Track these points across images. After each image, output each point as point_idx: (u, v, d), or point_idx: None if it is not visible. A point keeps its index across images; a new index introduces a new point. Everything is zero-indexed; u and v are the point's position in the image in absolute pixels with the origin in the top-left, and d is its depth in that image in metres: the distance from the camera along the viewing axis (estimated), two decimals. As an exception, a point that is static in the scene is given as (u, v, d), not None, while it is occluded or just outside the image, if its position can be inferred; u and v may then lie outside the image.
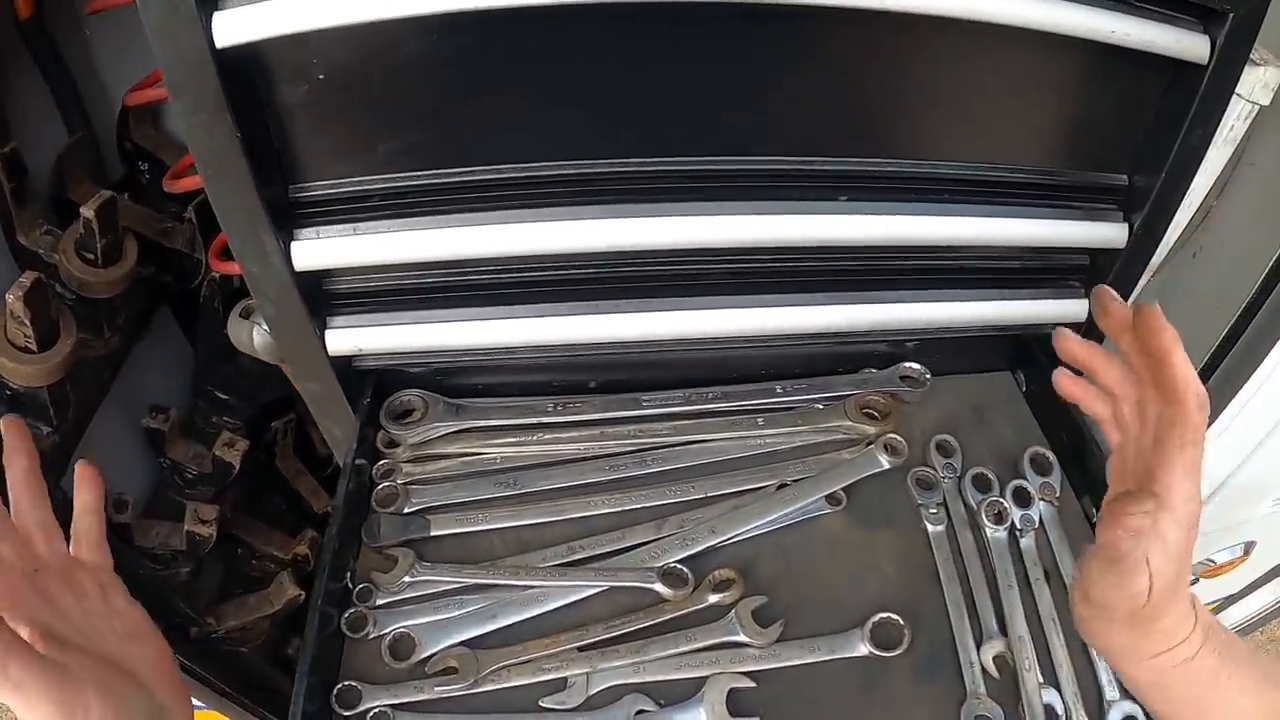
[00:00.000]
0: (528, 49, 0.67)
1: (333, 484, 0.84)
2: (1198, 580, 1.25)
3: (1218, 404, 0.91)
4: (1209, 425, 0.55)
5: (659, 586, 0.73)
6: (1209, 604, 1.40)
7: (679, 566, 0.74)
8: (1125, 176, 0.85)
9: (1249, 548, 1.22)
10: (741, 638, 0.72)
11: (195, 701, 1.22)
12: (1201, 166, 0.84)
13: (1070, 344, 0.64)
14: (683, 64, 0.70)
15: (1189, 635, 0.57)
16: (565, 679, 0.70)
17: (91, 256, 1.00)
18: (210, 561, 1.11)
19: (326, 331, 0.79)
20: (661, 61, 0.70)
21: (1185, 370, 0.53)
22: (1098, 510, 0.83)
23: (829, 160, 0.76)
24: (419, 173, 0.72)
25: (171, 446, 1.08)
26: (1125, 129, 0.82)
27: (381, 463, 0.80)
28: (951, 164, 0.81)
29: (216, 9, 0.61)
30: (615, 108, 0.72)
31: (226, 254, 0.98)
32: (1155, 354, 0.54)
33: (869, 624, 0.73)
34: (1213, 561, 1.22)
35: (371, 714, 0.68)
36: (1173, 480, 0.53)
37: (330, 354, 0.79)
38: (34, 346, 0.93)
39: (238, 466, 1.05)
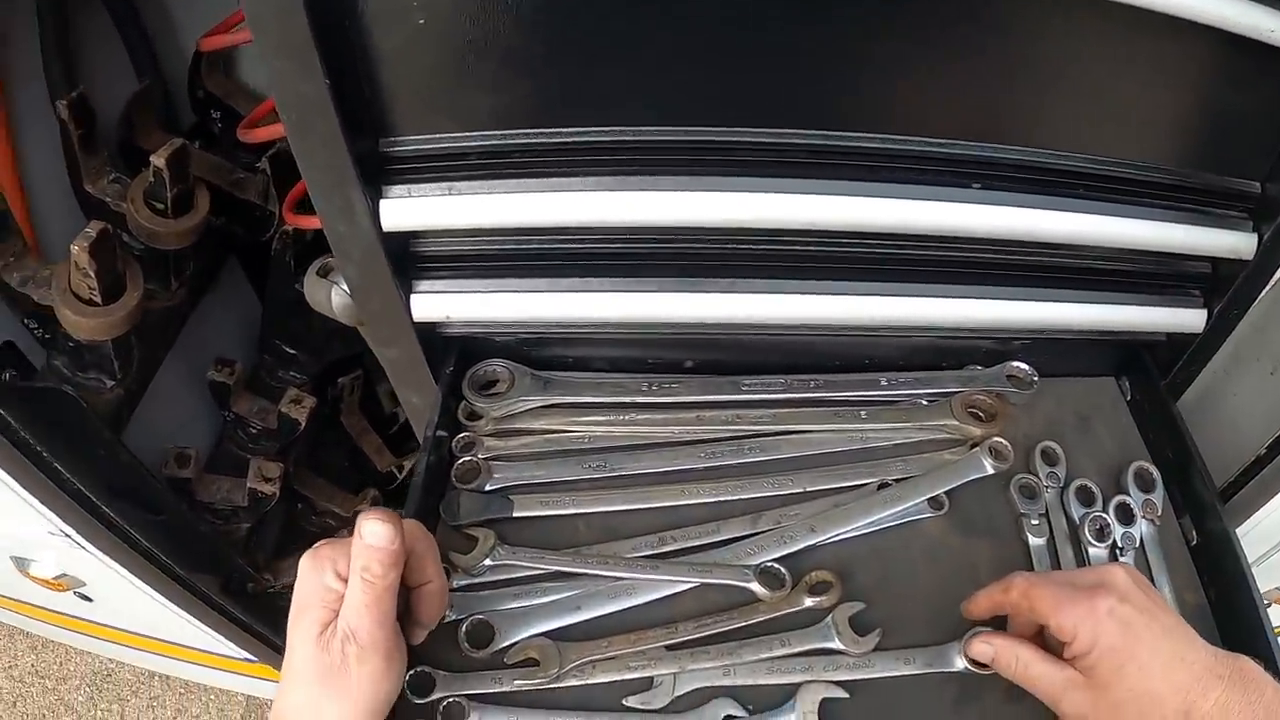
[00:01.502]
0: (647, 3, 0.59)
1: (397, 443, 0.77)
2: (1270, 606, 1.16)
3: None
4: None
5: (755, 586, 0.66)
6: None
7: (776, 566, 0.67)
8: (1259, 184, 0.76)
9: (1324, 576, 1.14)
10: (837, 645, 0.65)
11: (249, 655, 1.17)
12: (1338, 180, 0.75)
13: (974, 612, 0.66)
14: (812, 33, 0.61)
15: (1204, 704, 0.54)
16: (652, 678, 0.63)
17: (161, 206, 0.93)
18: (271, 515, 1.05)
19: (412, 296, 0.71)
20: (789, 29, 0.61)
21: (1030, 599, 0.60)
22: (1198, 532, 0.76)
23: (961, 144, 0.67)
24: (521, 131, 0.64)
25: (236, 400, 1.02)
26: (1264, 134, 0.73)
27: (462, 435, 0.73)
28: (1080, 156, 0.72)
29: (308, -59, 0.53)
30: (735, 74, 0.63)
31: (302, 207, 0.90)
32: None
33: (965, 639, 0.65)
34: (1284, 590, 1.14)
35: (445, 703, 0.62)
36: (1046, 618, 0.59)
37: (415, 320, 0.71)
38: (99, 299, 0.86)
39: (304, 424, 0.98)
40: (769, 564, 0.67)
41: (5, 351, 0.92)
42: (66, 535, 0.94)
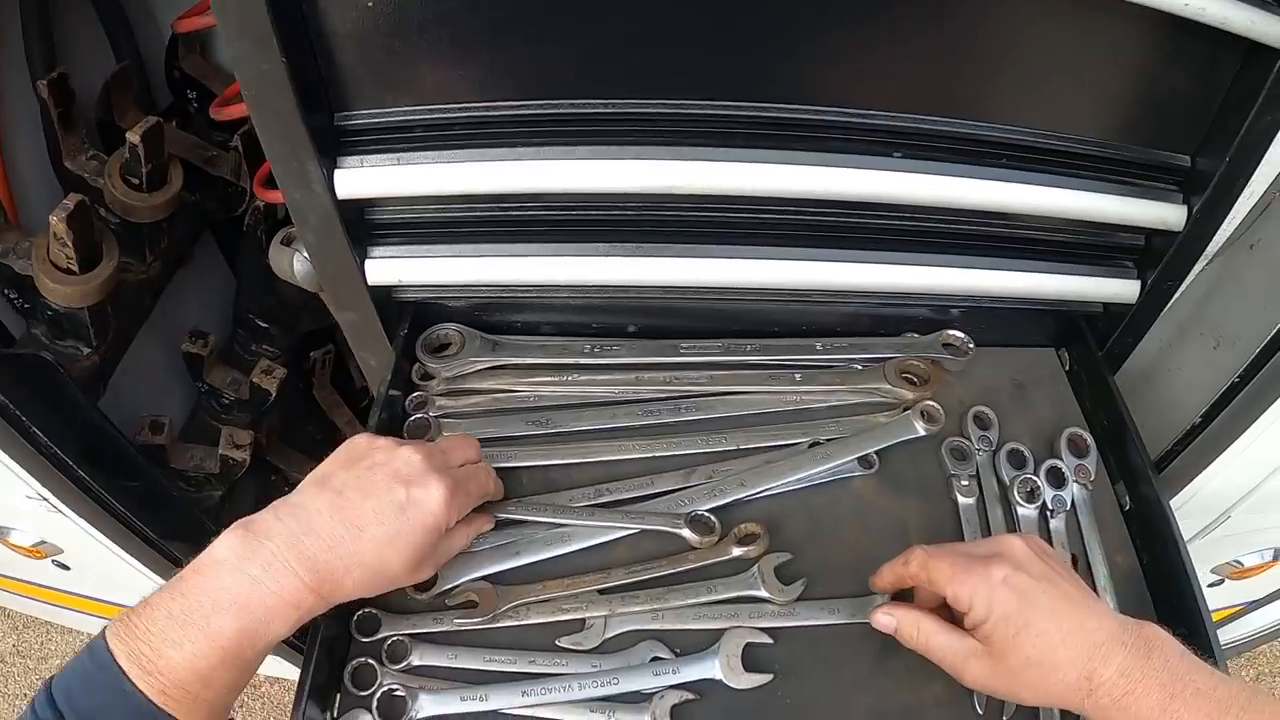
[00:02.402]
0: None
1: (368, 415, 0.83)
2: (1224, 581, 1.21)
3: (1260, 403, 0.87)
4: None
5: (685, 532, 0.72)
6: (1230, 608, 1.37)
7: (707, 514, 0.73)
8: (1188, 157, 0.81)
9: (1278, 554, 1.18)
10: (762, 593, 0.70)
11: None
12: (1267, 156, 0.80)
13: (879, 585, 0.70)
14: (745, 7, 0.67)
15: (1105, 671, 0.56)
16: (584, 620, 0.69)
17: (136, 181, 1.00)
18: (244, 487, 1.11)
19: (367, 261, 0.77)
20: (722, 3, 0.67)
21: (928, 570, 0.64)
22: (1131, 498, 0.81)
23: (887, 115, 0.73)
24: (467, 104, 0.70)
25: (210, 371, 1.08)
26: (1192, 108, 0.78)
27: (415, 394, 0.79)
28: (1012, 128, 0.77)
29: (264, -72, 0.59)
30: (670, 48, 0.69)
31: (271, 182, 0.96)
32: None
33: (871, 610, 0.70)
34: (1240, 564, 1.18)
35: (389, 642, 0.68)
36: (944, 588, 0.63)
37: (370, 284, 0.78)
38: (76, 268, 0.93)
39: (275, 393, 1.05)
40: (700, 512, 0.73)
41: (-15, 322, 0.99)
42: (44, 499, 1.01)
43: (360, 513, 0.59)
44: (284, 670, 1.50)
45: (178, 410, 1.12)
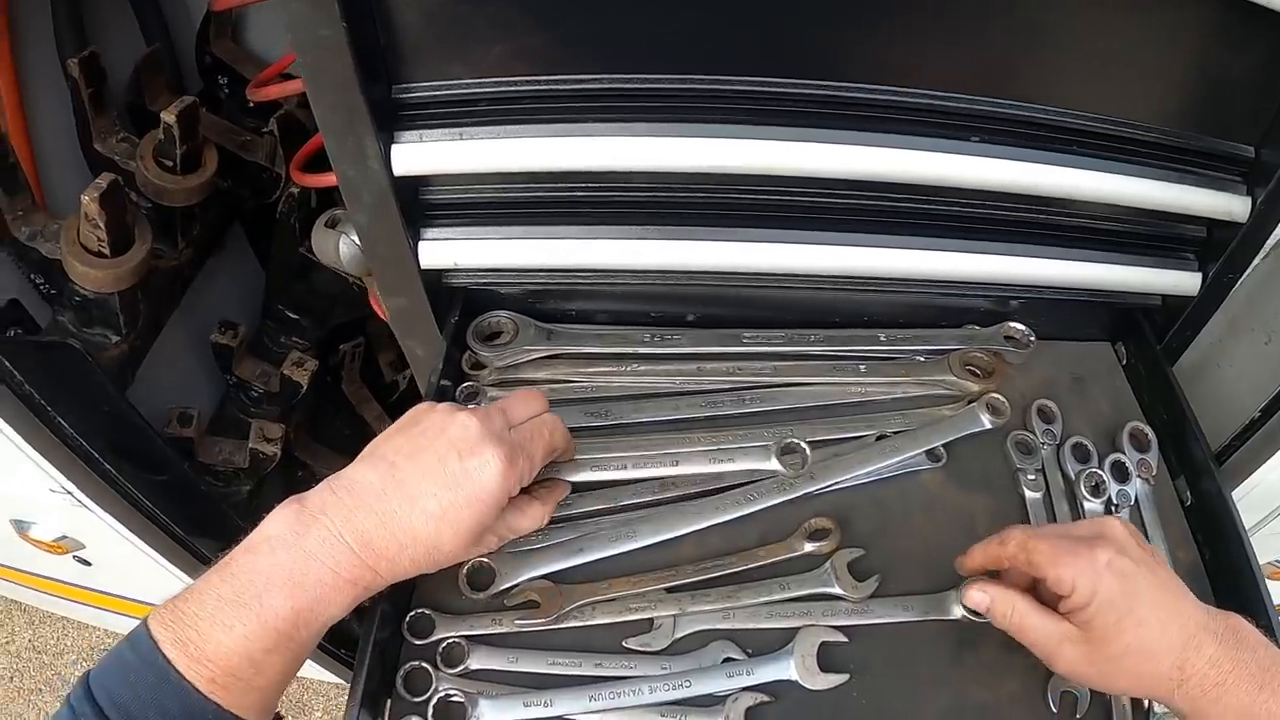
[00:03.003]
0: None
1: (397, 411, 0.78)
2: (1270, 580, 1.17)
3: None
4: None
5: (774, 464, 0.67)
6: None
7: (797, 440, 0.68)
8: (1253, 148, 0.77)
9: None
10: (836, 590, 0.66)
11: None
12: (1332, 150, 0.77)
13: (969, 566, 0.65)
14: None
15: (1197, 661, 0.54)
16: (652, 620, 0.64)
17: (170, 163, 0.94)
18: (271, 482, 1.05)
19: (420, 243, 0.72)
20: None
21: (1028, 551, 0.59)
22: (1193, 494, 0.77)
23: (960, 97, 0.68)
24: (533, 78, 0.65)
25: (239, 363, 1.02)
26: (1258, 98, 0.74)
27: (466, 384, 0.74)
28: (1080, 114, 0.73)
29: (325, -116, 0.54)
30: (738, 23, 0.64)
31: (309, 167, 0.91)
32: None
33: (963, 587, 0.66)
34: None
35: (445, 644, 0.63)
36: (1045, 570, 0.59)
37: (423, 267, 0.72)
38: (107, 251, 0.87)
39: (305, 386, 0.99)
40: (790, 440, 0.68)
41: (10, 309, 0.93)
42: (68, 493, 0.95)
43: (414, 485, 0.54)
44: (311, 671, 1.44)
45: (206, 402, 1.06)
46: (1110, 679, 0.57)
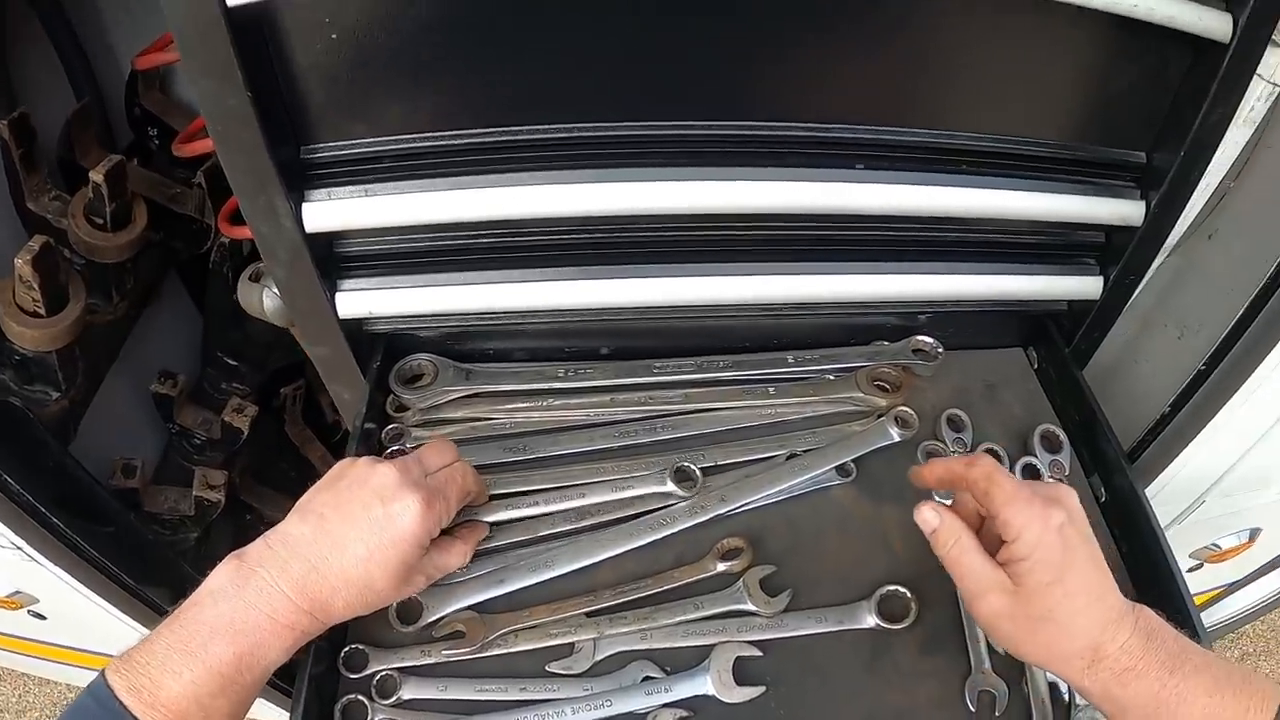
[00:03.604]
0: (543, 8, 0.66)
1: (341, 451, 0.84)
2: (1202, 565, 1.24)
3: (1226, 389, 0.90)
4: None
5: (670, 486, 0.74)
6: (1212, 590, 1.40)
7: (689, 465, 0.75)
8: (1144, 154, 0.84)
9: (1254, 534, 1.21)
10: (749, 606, 0.71)
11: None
12: (1220, 148, 0.83)
13: (925, 476, 0.69)
14: (703, 27, 0.68)
15: (1110, 646, 0.57)
16: (572, 645, 0.70)
17: (101, 221, 0.99)
18: (220, 528, 1.11)
19: (337, 294, 0.78)
20: (681, 24, 0.68)
21: (991, 482, 0.62)
22: (1107, 490, 0.83)
23: (849, 128, 0.75)
24: (432, 134, 0.71)
25: (180, 412, 1.08)
26: (1146, 106, 0.81)
27: (391, 427, 0.80)
28: (970, 135, 0.79)
29: (227, -30, 0.59)
30: (631, 70, 0.70)
31: (237, 218, 0.97)
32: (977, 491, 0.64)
33: (876, 596, 0.72)
34: (1218, 547, 1.21)
35: (378, 677, 0.68)
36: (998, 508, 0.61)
37: (341, 317, 0.78)
38: (42, 311, 0.92)
39: (246, 432, 1.05)
40: (682, 464, 0.75)
41: (-50, 370, 0.98)
42: (18, 548, 1.00)
43: (341, 533, 0.62)
44: (259, 711, 1.49)
45: (150, 452, 1.11)
46: (1022, 642, 0.60)
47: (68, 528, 0.99)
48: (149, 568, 1.05)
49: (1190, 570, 1.24)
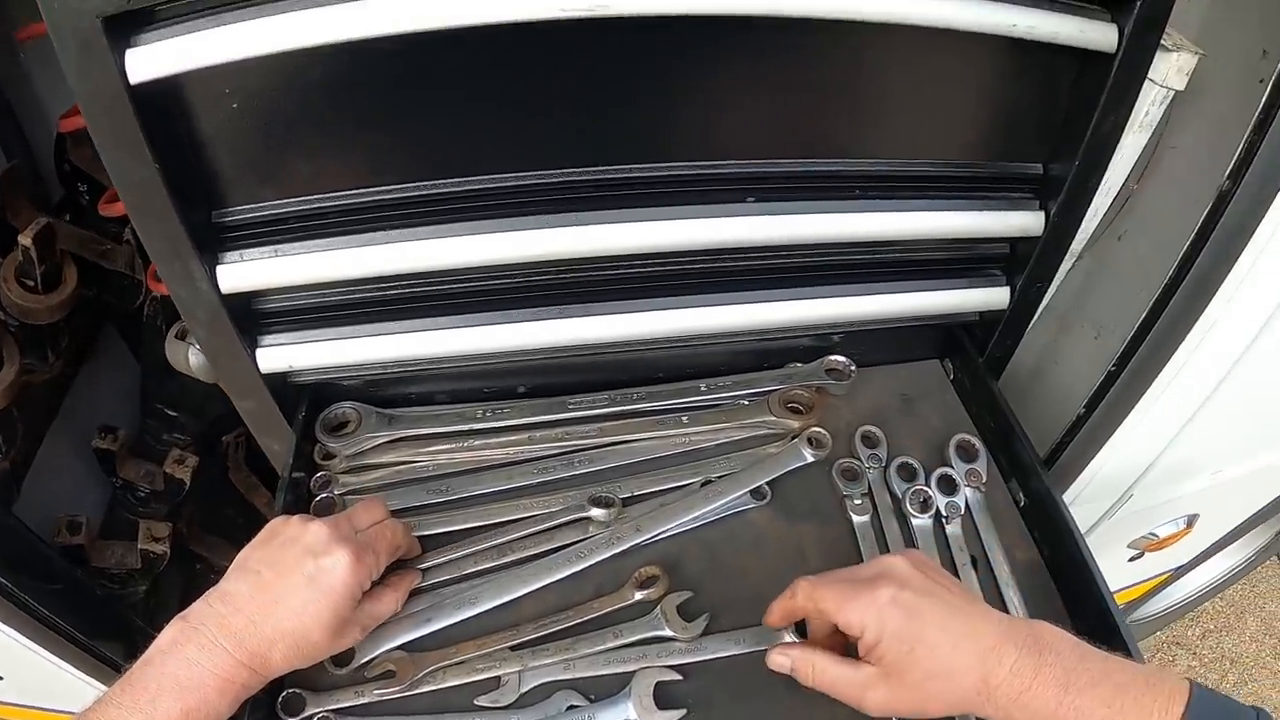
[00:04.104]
0: (429, 69, 0.70)
1: None
2: (1143, 554, 1.30)
3: (1137, 388, 0.96)
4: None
5: (593, 512, 0.80)
6: (1159, 576, 1.46)
7: (606, 493, 0.81)
8: (1040, 166, 0.89)
9: (1191, 520, 1.27)
10: (667, 632, 0.76)
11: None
12: (1119, 152, 0.88)
13: (772, 622, 0.72)
14: (587, 77, 0.73)
15: (999, 671, 0.60)
16: (499, 678, 0.74)
17: (31, 283, 1.04)
18: (170, 578, 1.15)
19: (258, 350, 0.83)
20: (567, 77, 0.73)
21: (815, 600, 0.67)
22: (1025, 495, 0.88)
23: (739, 164, 0.80)
24: (336, 193, 0.76)
25: (122, 466, 1.12)
26: (1038, 119, 0.86)
27: (319, 474, 0.85)
28: (865, 161, 0.84)
29: (129, 46, 0.64)
30: (522, 123, 0.75)
31: (164, 275, 1.01)
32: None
33: (767, 651, 0.75)
34: (1155, 535, 1.26)
35: (315, 719, 0.73)
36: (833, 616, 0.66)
37: (263, 372, 0.83)
38: (-24, 376, 0.97)
39: (188, 483, 1.09)
40: (599, 493, 0.80)
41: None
42: (-33, 612, 1.04)
43: (276, 588, 0.67)
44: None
45: (95, 507, 1.16)
46: (920, 706, 0.63)
47: (16, 587, 1.03)
48: (100, 623, 1.09)
49: (1131, 560, 1.29)
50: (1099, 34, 0.77)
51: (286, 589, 0.67)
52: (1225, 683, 2.03)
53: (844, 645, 0.68)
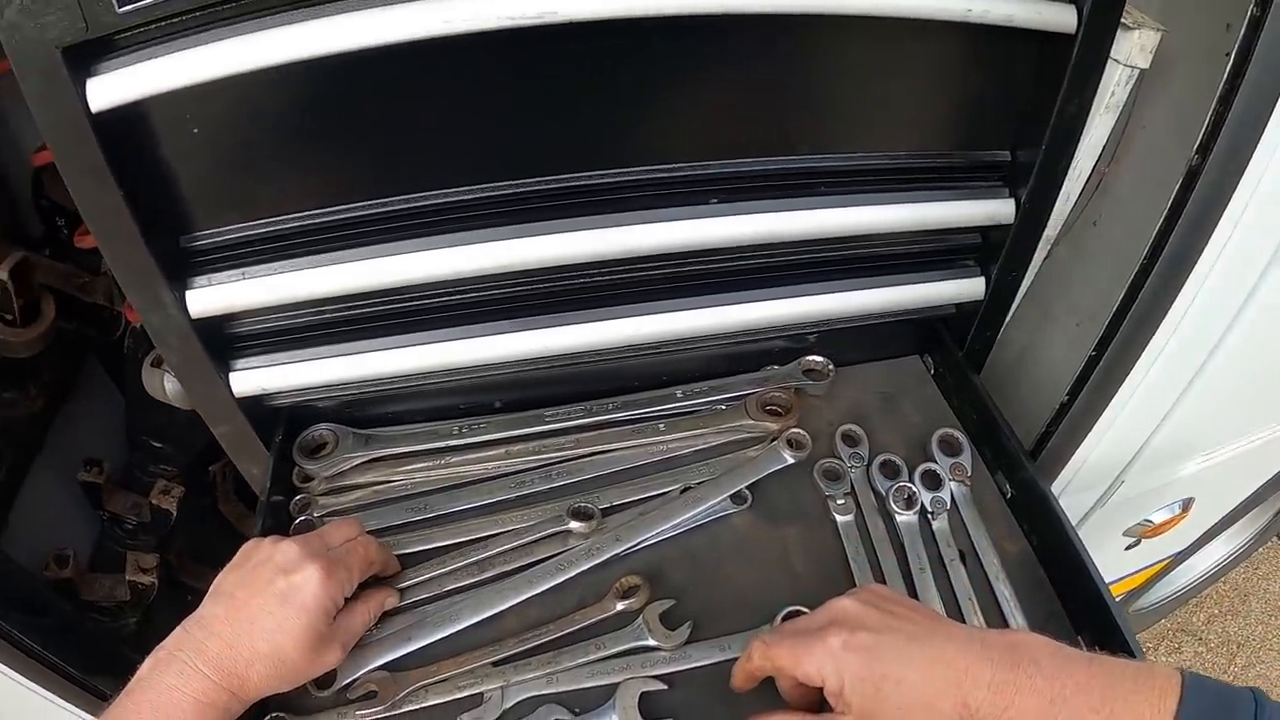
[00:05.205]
0: (383, 85, 0.70)
1: None
2: (1139, 541, 1.28)
3: (1118, 373, 0.95)
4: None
5: (572, 525, 0.79)
6: (1158, 563, 1.44)
7: (585, 504, 0.81)
8: (1008, 152, 0.89)
9: (1187, 505, 1.26)
10: (650, 641, 0.76)
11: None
12: (1088, 135, 0.88)
13: (737, 687, 0.71)
14: (544, 86, 0.73)
15: (977, 692, 0.58)
16: (482, 694, 0.74)
17: (10, 317, 1.04)
18: (161, 610, 1.15)
19: (231, 374, 0.83)
20: (523, 88, 0.73)
21: (770, 659, 0.66)
22: (1011, 486, 0.88)
23: (701, 165, 0.79)
24: (300, 214, 0.76)
25: (109, 498, 1.12)
26: (1003, 106, 0.85)
27: (298, 497, 0.84)
28: (829, 156, 0.84)
29: (90, 76, 0.65)
30: (481, 135, 0.75)
31: (141, 304, 1.02)
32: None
33: (778, 618, 0.76)
34: (1150, 522, 1.25)
35: (299, 743, 0.73)
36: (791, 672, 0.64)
37: (237, 395, 0.83)
38: (-43, 411, 0.97)
39: (175, 513, 1.09)
40: (578, 504, 0.80)
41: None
42: (-43, 650, 1.04)
43: (250, 608, 0.68)
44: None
45: (83, 540, 1.15)
46: None
47: (5, 622, 1.03)
48: (91, 656, 1.09)
49: (1129, 548, 1.28)
50: (1056, 15, 0.77)
51: (260, 609, 0.68)
52: (1234, 666, 2.01)
53: (818, 694, 0.65)
